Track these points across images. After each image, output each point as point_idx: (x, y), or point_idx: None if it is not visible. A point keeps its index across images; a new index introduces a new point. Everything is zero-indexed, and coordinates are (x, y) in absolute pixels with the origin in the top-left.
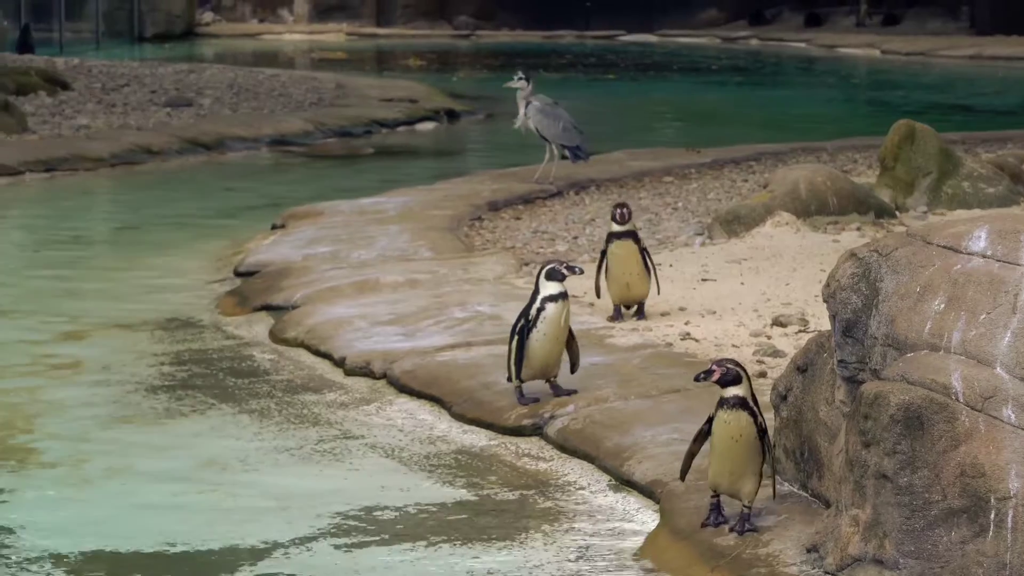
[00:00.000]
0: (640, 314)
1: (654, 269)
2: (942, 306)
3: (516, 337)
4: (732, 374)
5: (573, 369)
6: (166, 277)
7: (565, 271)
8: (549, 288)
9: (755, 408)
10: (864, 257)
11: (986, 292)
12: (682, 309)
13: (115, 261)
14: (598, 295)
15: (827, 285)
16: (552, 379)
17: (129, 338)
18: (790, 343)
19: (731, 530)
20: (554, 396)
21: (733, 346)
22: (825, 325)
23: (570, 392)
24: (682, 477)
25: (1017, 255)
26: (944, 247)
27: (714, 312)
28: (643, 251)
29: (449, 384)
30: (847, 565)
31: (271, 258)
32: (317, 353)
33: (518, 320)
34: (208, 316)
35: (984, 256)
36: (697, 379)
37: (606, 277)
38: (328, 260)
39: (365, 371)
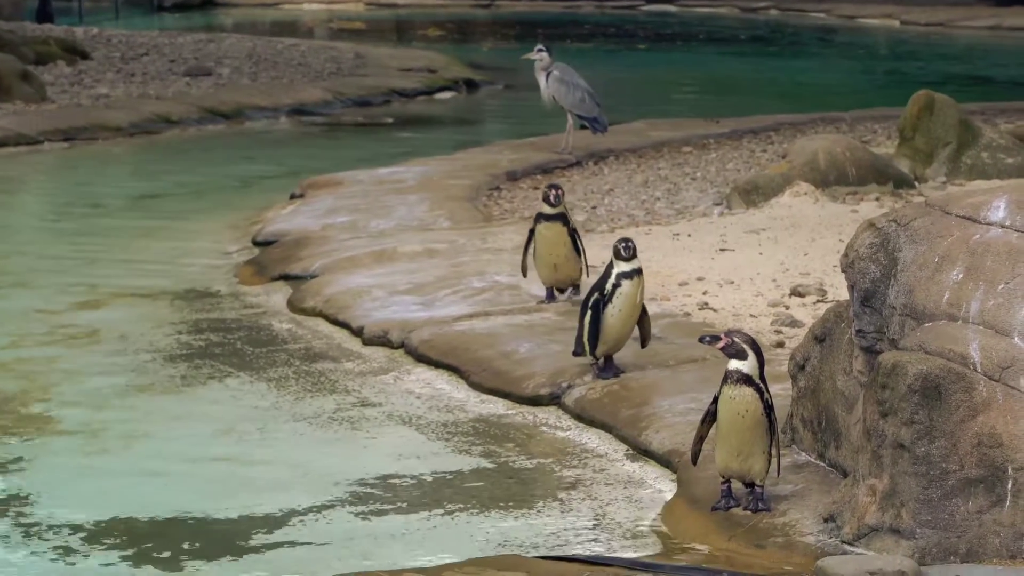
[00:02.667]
0: (576, 291)
1: (584, 251)
2: (960, 276)
3: (590, 312)
4: (736, 348)
5: (643, 344)
6: (184, 246)
7: (623, 250)
8: (622, 265)
9: (761, 384)
10: (883, 227)
11: (1004, 262)
12: (700, 279)
13: (133, 230)
14: (524, 274)
15: (845, 255)
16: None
17: (147, 307)
18: (808, 313)
19: (744, 509)
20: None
21: (751, 315)
22: (843, 295)
23: (619, 372)
24: (693, 461)
25: None
26: (963, 217)
27: (732, 282)
28: (572, 232)
29: (467, 353)
30: (864, 534)
31: (290, 227)
32: (335, 322)
33: (591, 294)
34: (226, 285)
35: (1003, 226)
36: (702, 340)
37: (534, 258)
38: (346, 229)
39: (383, 340)
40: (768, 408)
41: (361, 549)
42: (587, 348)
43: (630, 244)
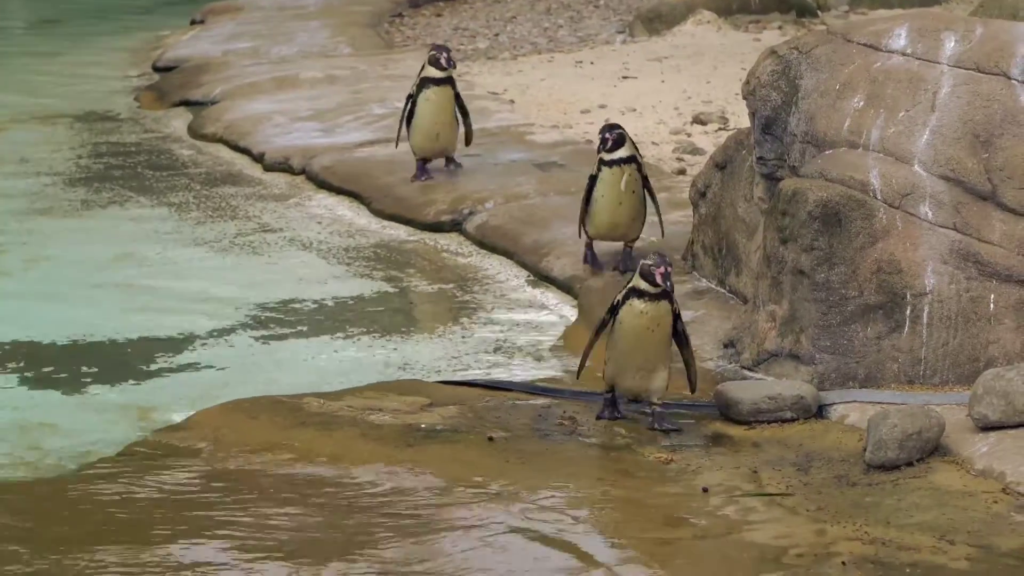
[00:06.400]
0: (453, 163)
1: (468, 117)
2: (861, 103)
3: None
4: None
5: (662, 232)
6: (85, 71)
7: (601, 143)
8: (604, 155)
9: (673, 294)
10: (784, 55)
11: (905, 90)
12: (602, 107)
13: (32, 54)
14: (396, 144)
15: (747, 82)
16: (629, 245)
17: (46, 131)
18: (710, 141)
19: (650, 428)
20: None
21: (653, 143)
22: (745, 123)
23: (627, 268)
24: (578, 375)
25: (937, 53)
26: (864, 45)
27: (635, 110)
28: (459, 96)
29: (368, 180)
30: (763, 360)
31: (190, 53)
32: (236, 148)
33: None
34: (126, 110)
35: (904, 54)
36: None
37: (408, 126)
38: (248, 56)
39: (284, 166)
40: (677, 317)
41: (262, 374)
42: (579, 228)
43: (607, 137)
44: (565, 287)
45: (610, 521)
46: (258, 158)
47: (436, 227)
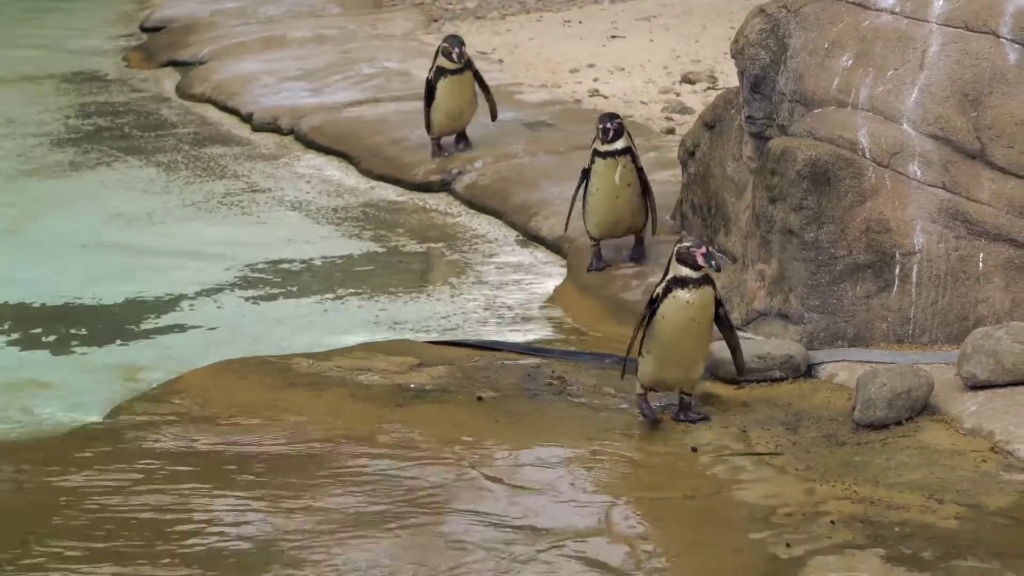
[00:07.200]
0: (464, 141)
1: (489, 94)
2: (850, 62)
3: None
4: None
5: (653, 229)
6: (72, 31)
7: (602, 132)
8: (600, 146)
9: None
10: (773, 13)
11: (894, 48)
12: (591, 66)
13: (18, 14)
14: (428, 131)
15: (735, 41)
16: (639, 236)
17: (33, 91)
18: (698, 100)
19: (677, 420)
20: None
21: (642, 102)
22: (733, 82)
23: (639, 257)
24: (623, 375)
25: (926, 12)
26: (853, 3)
27: (623, 69)
28: (478, 74)
29: (357, 140)
30: (752, 319)
31: (178, 13)
32: (224, 108)
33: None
34: (114, 70)
35: (893, 12)
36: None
37: (430, 109)
38: (236, 15)
39: (272, 127)
40: (719, 303)
41: (251, 334)
42: (585, 227)
43: (608, 127)
44: (554, 247)
45: (599, 480)
46: (246, 118)
47: (425, 187)
